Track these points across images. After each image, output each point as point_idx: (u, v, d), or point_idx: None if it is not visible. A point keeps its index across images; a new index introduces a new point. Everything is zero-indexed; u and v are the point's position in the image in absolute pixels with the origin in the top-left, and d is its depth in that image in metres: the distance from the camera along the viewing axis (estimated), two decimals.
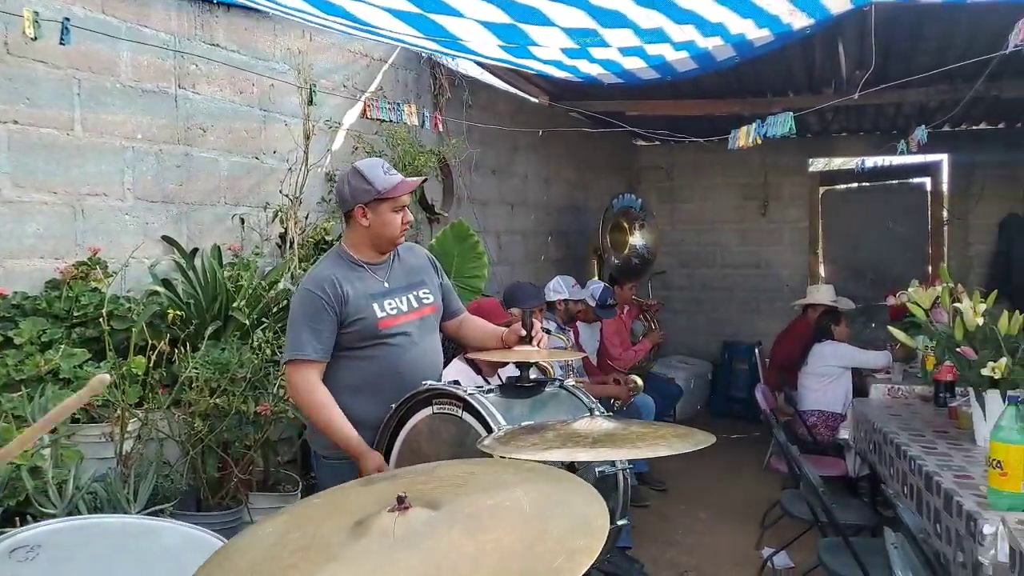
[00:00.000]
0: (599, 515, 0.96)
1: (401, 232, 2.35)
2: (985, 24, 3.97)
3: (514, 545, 0.91)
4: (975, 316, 3.07)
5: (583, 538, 0.89)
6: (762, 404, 4.27)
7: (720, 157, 7.84)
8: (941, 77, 4.78)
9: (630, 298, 5.53)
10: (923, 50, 4.53)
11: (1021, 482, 2.19)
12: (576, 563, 0.83)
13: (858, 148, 7.74)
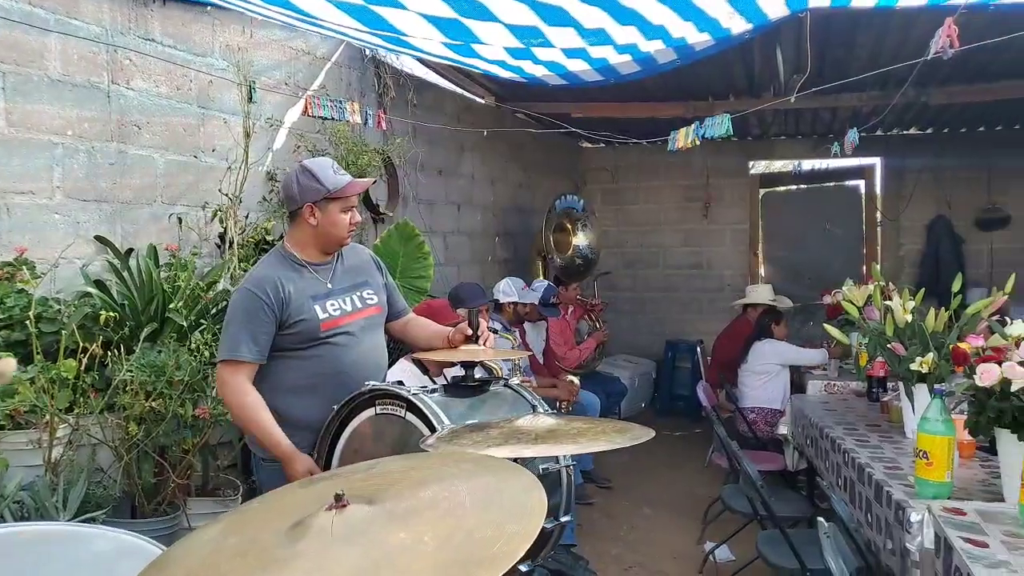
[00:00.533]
0: (536, 500, 0.97)
1: (348, 232, 2.33)
2: (913, 31, 4.13)
3: (453, 534, 0.92)
4: (904, 313, 3.19)
5: (520, 522, 0.90)
6: (703, 401, 4.36)
7: (663, 159, 7.98)
8: (873, 83, 4.97)
9: (575, 298, 5.59)
10: (856, 56, 4.69)
11: (946, 471, 2.29)
12: (513, 546, 0.84)
13: (797, 151, 7.98)
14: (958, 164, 7.37)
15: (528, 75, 4.03)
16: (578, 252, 6.01)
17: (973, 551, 1.80)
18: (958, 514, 2.04)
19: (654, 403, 7.54)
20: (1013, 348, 2.34)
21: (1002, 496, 2.25)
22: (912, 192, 7.56)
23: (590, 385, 5.27)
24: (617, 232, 8.34)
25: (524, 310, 4.53)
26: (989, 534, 1.90)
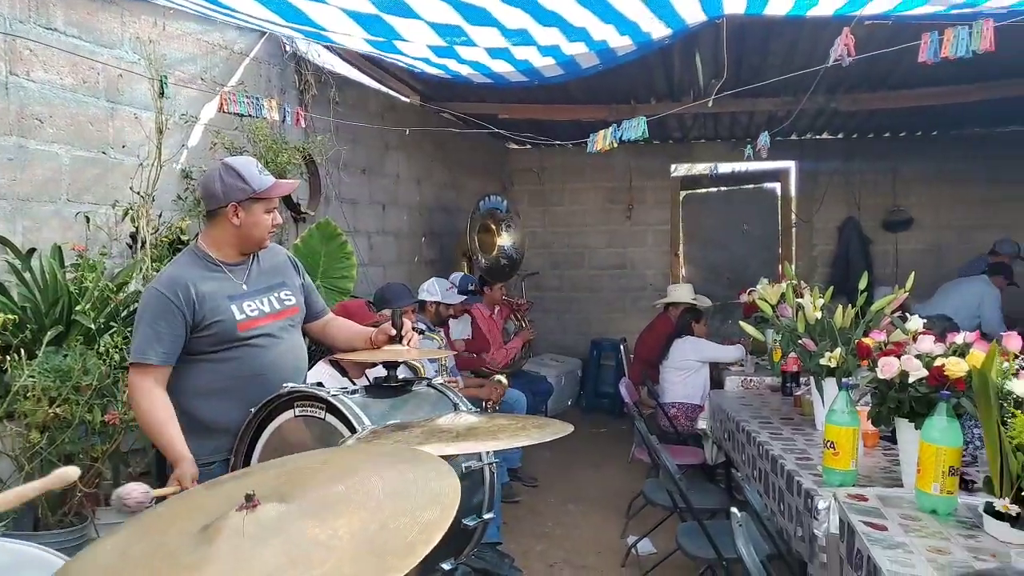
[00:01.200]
0: (451, 488, 0.98)
1: (269, 233, 2.29)
2: (821, 41, 4.31)
3: (367, 526, 0.92)
4: (814, 311, 3.33)
5: (434, 511, 0.91)
6: (626, 398, 4.44)
7: (588, 161, 8.11)
8: (786, 88, 5.17)
9: (500, 298, 5.61)
10: (771, 63, 4.86)
11: (851, 460, 2.40)
12: (428, 534, 0.85)
13: (716, 154, 8.22)
14: (866, 168, 7.74)
15: (453, 72, 4.03)
16: (503, 252, 6.04)
17: (873, 534, 1.89)
18: (861, 500, 2.15)
19: (580, 401, 7.64)
20: (911, 342, 2.48)
21: (901, 482, 2.37)
22: (824, 194, 7.90)
23: (517, 384, 5.30)
24: (544, 233, 8.42)
25: (448, 311, 4.52)
26: (888, 518, 2.00)
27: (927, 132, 7.62)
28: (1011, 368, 1.99)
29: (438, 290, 4.51)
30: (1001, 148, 7.34)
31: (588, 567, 3.82)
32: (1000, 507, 1.84)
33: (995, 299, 5.48)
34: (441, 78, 4.20)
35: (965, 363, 2.15)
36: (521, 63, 3.80)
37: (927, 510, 2.04)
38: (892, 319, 3.12)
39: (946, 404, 2.06)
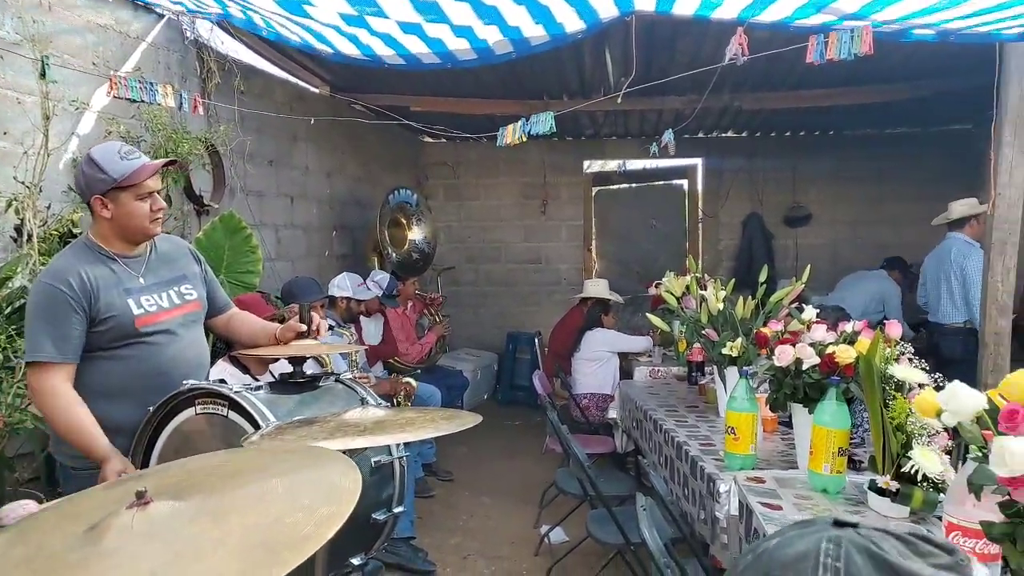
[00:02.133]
0: (350, 483, 0.97)
1: (152, 221, 2.16)
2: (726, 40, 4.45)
3: (262, 522, 0.90)
4: (717, 302, 3.45)
5: (331, 505, 0.90)
6: (539, 389, 4.49)
7: (503, 156, 8.15)
8: (693, 87, 5.32)
9: (413, 293, 5.57)
10: (678, 62, 4.99)
11: (750, 445, 2.50)
12: (324, 529, 0.84)
13: (626, 151, 8.39)
14: (768, 166, 8.07)
15: (365, 48, 3.91)
16: (414, 247, 5.99)
17: (769, 514, 1.98)
18: (759, 482, 2.24)
19: (496, 394, 7.69)
20: (805, 331, 2.60)
21: (797, 464, 2.49)
22: (729, 191, 8.19)
23: (432, 379, 5.28)
24: (459, 227, 8.41)
25: (359, 308, 4.45)
26: (783, 498, 2.10)
27: (824, 132, 8.01)
28: (892, 354, 2.12)
29: (349, 285, 4.44)
30: (888, 148, 7.80)
31: (502, 558, 3.85)
32: (882, 484, 1.95)
33: (897, 296, 5.78)
34: (353, 60, 4.07)
35: (854, 350, 2.28)
36: (434, 42, 3.73)
37: (819, 489, 2.15)
38: (790, 310, 3.27)
39: (836, 389, 2.18)
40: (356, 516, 1.98)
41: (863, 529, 0.59)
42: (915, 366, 2.06)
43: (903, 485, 1.92)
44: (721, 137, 8.21)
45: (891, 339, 2.20)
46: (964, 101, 5.45)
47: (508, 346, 7.83)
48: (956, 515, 1.40)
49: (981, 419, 1.28)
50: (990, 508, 1.21)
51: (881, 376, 2.03)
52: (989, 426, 1.23)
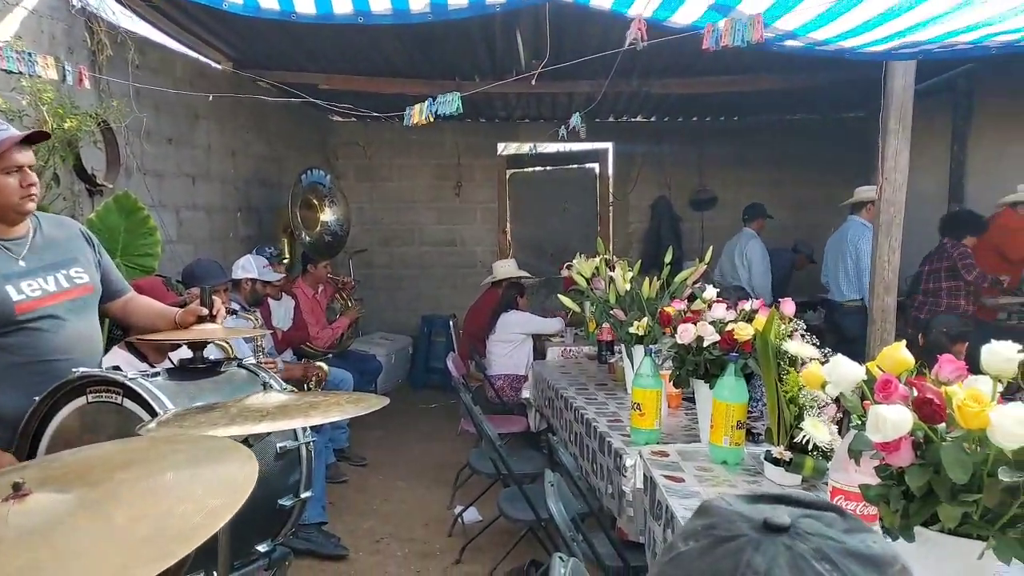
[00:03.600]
0: (246, 474, 0.94)
1: (23, 197, 2.02)
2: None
3: (150, 514, 0.87)
4: (624, 283, 3.54)
5: (223, 496, 0.87)
6: (453, 372, 4.50)
7: (417, 138, 8.05)
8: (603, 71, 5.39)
9: (325, 276, 5.46)
10: (587, 45, 5.04)
11: (655, 420, 2.58)
12: (214, 519, 0.82)
13: (540, 134, 8.44)
14: (676, 150, 8.28)
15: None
16: (327, 229, 5.85)
17: (672, 486, 2.05)
18: (663, 456, 2.32)
19: (411, 378, 7.64)
20: (706, 310, 2.69)
21: (699, 438, 2.59)
22: (638, 175, 8.36)
23: (344, 364, 5.21)
24: (372, 209, 8.28)
25: (265, 290, 4.31)
26: (685, 470, 2.18)
27: (729, 118, 8.27)
28: (786, 330, 2.23)
29: (253, 267, 4.31)
30: (789, 134, 8.13)
31: (415, 539, 3.85)
32: (776, 454, 2.05)
33: (759, 249, 6.07)
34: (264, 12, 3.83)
35: (751, 328, 2.37)
36: None
37: (719, 461, 2.24)
38: (693, 290, 3.38)
39: (735, 365, 2.27)
40: (261, 502, 1.95)
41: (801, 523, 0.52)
42: (807, 342, 2.17)
43: (796, 455, 2.02)
44: (631, 122, 8.36)
45: (786, 316, 2.31)
46: (857, 90, 5.73)
47: (423, 329, 7.80)
48: (840, 480, 1.48)
49: (861, 389, 1.36)
50: (868, 472, 1.28)
51: (776, 352, 2.13)
52: (868, 396, 1.31)
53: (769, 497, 0.56)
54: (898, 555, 0.53)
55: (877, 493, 1.24)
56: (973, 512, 1.12)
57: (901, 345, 1.35)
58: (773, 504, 0.55)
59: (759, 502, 0.56)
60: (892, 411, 1.15)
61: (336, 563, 3.53)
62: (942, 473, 1.12)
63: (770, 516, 0.52)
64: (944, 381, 1.24)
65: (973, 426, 1.11)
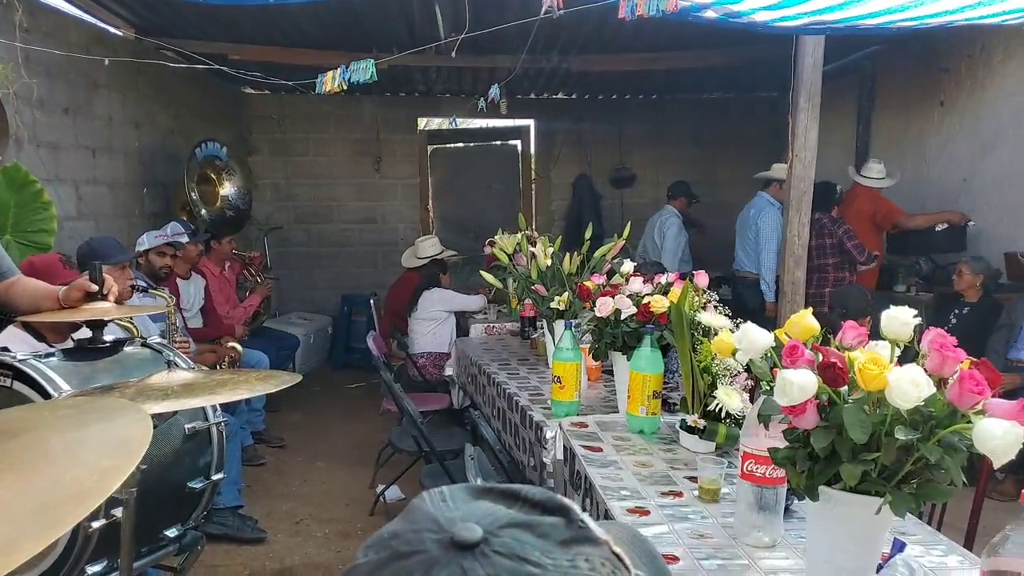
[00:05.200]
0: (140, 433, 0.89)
1: None
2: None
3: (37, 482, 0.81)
4: (545, 259, 3.55)
5: (116, 458, 0.82)
6: (374, 351, 4.43)
7: (334, 111, 7.85)
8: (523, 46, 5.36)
9: (230, 252, 5.26)
10: (507, 18, 4.99)
11: (575, 392, 2.60)
12: (106, 482, 0.77)
13: (461, 109, 8.35)
14: (596, 128, 8.34)
15: None
16: (228, 203, 5.61)
17: (590, 455, 2.08)
18: (582, 427, 2.35)
19: (331, 358, 7.51)
20: (624, 284, 2.73)
21: (617, 408, 2.63)
22: (560, 152, 8.40)
23: (259, 344, 5.06)
24: (287, 185, 8.04)
25: (163, 261, 4.08)
26: (604, 440, 2.21)
27: (648, 96, 8.38)
28: (700, 302, 2.27)
29: (145, 240, 4.11)
30: (706, 112, 8.31)
31: (335, 520, 3.80)
32: (691, 422, 2.10)
33: (675, 225, 6.20)
34: None
35: (667, 300, 2.41)
36: None
37: (635, 430, 2.28)
38: (612, 264, 3.43)
39: (651, 336, 2.31)
40: (169, 485, 1.87)
41: (496, 540, 0.44)
42: (719, 313, 2.22)
43: (709, 422, 2.07)
44: (552, 99, 8.36)
45: (699, 288, 2.36)
46: (771, 70, 5.88)
47: (343, 308, 7.66)
48: (750, 445, 1.52)
49: (769, 356, 1.40)
50: (777, 437, 1.32)
51: (689, 323, 2.17)
52: (776, 362, 1.34)
53: (498, 492, 0.49)
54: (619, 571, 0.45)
55: (784, 456, 1.28)
56: (872, 470, 1.17)
57: (807, 313, 1.39)
58: (497, 501, 0.48)
59: (484, 497, 0.48)
60: (798, 375, 1.18)
61: (254, 546, 3.45)
62: (844, 434, 1.16)
63: (458, 532, 0.44)
64: (847, 347, 1.29)
65: (873, 388, 1.16)
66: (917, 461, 1.15)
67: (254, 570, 3.27)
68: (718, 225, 6.94)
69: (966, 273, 4.54)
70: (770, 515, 1.53)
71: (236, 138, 7.10)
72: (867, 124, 6.74)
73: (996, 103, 5.25)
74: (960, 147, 5.60)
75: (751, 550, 1.51)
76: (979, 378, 1.11)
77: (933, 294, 5.18)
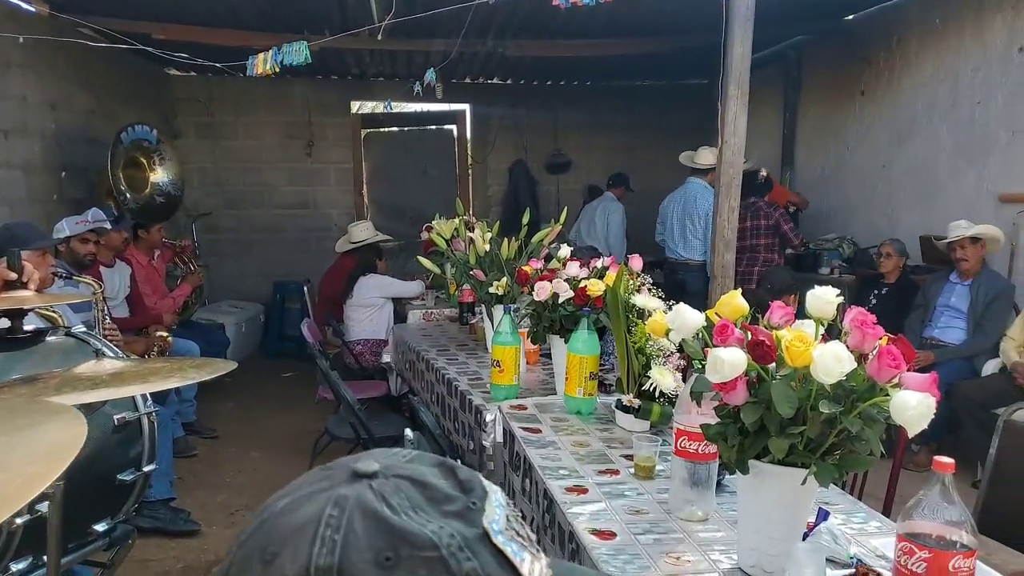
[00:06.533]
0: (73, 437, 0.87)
1: None
2: None
3: None
4: (483, 244, 3.56)
5: (43, 463, 0.80)
6: (308, 338, 4.37)
7: (264, 93, 7.65)
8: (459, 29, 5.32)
9: (160, 241, 5.09)
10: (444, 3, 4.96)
11: (514, 376, 2.63)
12: (32, 486, 0.75)
13: (395, 93, 8.25)
14: (532, 114, 8.36)
15: None
16: (158, 190, 5.41)
17: (530, 437, 2.10)
18: (521, 409, 2.37)
19: (264, 347, 7.36)
20: (561, 268, 2.76)
21: (555, 390, 2.67)
22: (496, 138, 8.39)
23: (189, 334, 4.92)
24: (216, 169, 7.81)
25: (85, 248, 3.91)
26: (542, 422, 2.24)
27: (583, 82, 8.44)
28: (634, 285, 2.32)
29: (65, 227, 3.95)
30: (639, 100, 8.42)
31: None
32: (626, 402, 2.15)
33: (618, 212, 6.57)
34: None
35: (603, 283, 2.46)
36: None
37: (573, 411, 2.32)
38: (549, 249, 3.46)
39: (587, 319, 2.35)
40: (98, 478, 1.82)
41: (379, 480, 0.48)
42: (653, 295, 2.28)
43: (644, 402, 2.13)
44: (488, 84, 8.34)
45: (634, 272, 2.41)
46: (701, 58, 6.00)
47: (276, 296, 7.51)
48: (683, 422, 1.57)
49: (701, 336, 1.45)
50: (709, 413, 1.37)
51: (624, 305, 2.22)
52: (708, 342, 1.39)
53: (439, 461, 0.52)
54: (440, 545, 0.46)
55: (716, 431, 1.33)
56: (798, 443, 1.22)
57: (737, 293, 1.44)
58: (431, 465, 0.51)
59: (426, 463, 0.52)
60: (728, 353, 1.22)
61: (187, 539, 3.37)
62: (772, 409, 1.21)
63: (359, 465, 0.49)
64: (775, 326, 1.34)
65: (798, 364, 1.21)
66: (840, 433, 1.21)
67: (188, 563, 3.20)
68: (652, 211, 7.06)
69: (892, 255, 4.76)
70: (703, 490, 1.59)
71: (161, 121, 6.85)
72: (793, 112, 6.96)
73: (912, 93, 5.49)
74: (879, 135, 5.85)
75: (685, 524, 1.57)
76: (896, 353, 1.18)
77: (855, 276, 5.40)
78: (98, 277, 3.90)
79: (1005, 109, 4.65)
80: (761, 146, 6.80)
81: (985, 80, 4.81)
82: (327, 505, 0.46)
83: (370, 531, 0.45)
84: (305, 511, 0.47)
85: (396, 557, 0.44)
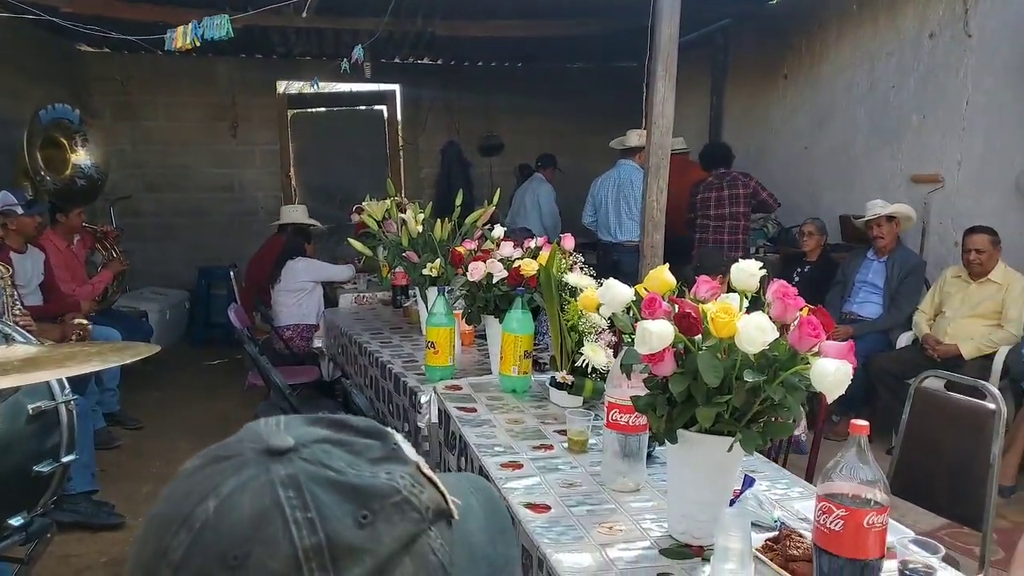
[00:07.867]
0: None
1: None
2: None
3: None
4: (416, 225, 3.52)
5: None
6: (236, 324, 4.26)
7: (185, 72, 7.36)
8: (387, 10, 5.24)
9: (80, 225, 4.87)
10: None
11: (449, 357, 2.62)
12: None
13: (322, 72, 8.06)
14: (464, 95, 8.29)
15: None
16: (79, 172, 5.17)
17: (465, 416, 2.11)
18: (456, 390, 2.38)
19: (190, 334, 7.14)
20: (495, 248, 2.77)
21: (491, 370, 2.68)
22: (427, 119, 8.30)
23: (110, 322, 4.73)
24: (134, 151, 7.50)
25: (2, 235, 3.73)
26: (478, 401, 2.25)
27: (514, 65, 8.41)
28: (567, 264, 2.35)
29: None
30: (572, 83, 8.44)
31: None
32: (560, 379, 2.18)
33: (549, 192, 6.76)
34: None
35: (536, 263, 2.47)
36: None
37: (508, 390, 2.34)
38: (483, 230, 3.45)
39: (521, 298, 2.37)
40: (11, 471, 1.74)
41: (307, 450, 0.47)
42: (585, 274, 2.31)
43: (577, 378, 2.16)
44: (419, 64, 8.23)
45: (566, 252, 2.43)
46: (629, 40, 6.06)
47: (200, 282, 7.28)
48: (615, 395, 1.60)
49: (632, 312, 1.47)
50: (639, 386, 1.40)
51: (558, 284, 2.24)
52: (637, 316, 1.41)
53: (328, 421, 0.51)
54: (400, 488, 0.47)
55: (645, 402, 1.36)
56: (725, 412, 1.26)
57: (665, 268, 1.47)
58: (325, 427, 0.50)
59: (315, 425, 0.51)
60: (656, 325, 1.25)
61: (111, 532, 3.25)
62: (699, 379, 1.24)
63: (272, 441, 0.47)
64: (701, 299, 1.37)
65: (724, 335, 1.25)
66: (764, 401, 1.25)
67: (112, 557, 3.09)
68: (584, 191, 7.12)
69: (813, 233, 4.93)
70: (634, 461, 1.63)
71: (73, 100, 6.51)
72: (720, 95, 7.10)
73: (831, 78, 5.68)
74: (801, 118, 6.03)
75: (618, 495, 1.60)
76: (816, 323, 1.23)
77: (779, 255, 5.58)
78: (8, 263, 3.72)
79: (916, 93, 4.86)
80: (689, 128, 6.92)
81: (899, 65, 5.01)
82: (275, 489, 0.45)
83: (336, 498, 0.45)
84: (249, 504, 0.45)
85: (371, 512, 0.45)
